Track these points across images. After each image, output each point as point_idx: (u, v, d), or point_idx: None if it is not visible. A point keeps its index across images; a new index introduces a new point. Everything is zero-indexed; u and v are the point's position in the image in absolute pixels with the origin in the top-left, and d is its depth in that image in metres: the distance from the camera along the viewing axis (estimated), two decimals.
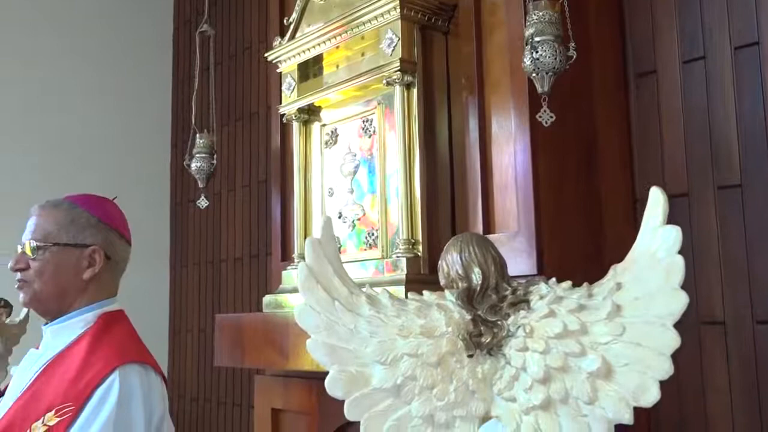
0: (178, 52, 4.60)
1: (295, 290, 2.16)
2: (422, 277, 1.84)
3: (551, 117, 1.56)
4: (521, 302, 1.13)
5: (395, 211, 1.94)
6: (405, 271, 1.83)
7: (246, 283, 3.74)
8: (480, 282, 1.16)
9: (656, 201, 1.13)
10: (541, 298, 1.13)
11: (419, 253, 1.88)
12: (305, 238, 2.19)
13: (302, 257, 2.17)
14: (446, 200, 1.96)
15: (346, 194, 2.11)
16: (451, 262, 1.20)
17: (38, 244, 1.59)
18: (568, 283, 1.17)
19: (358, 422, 1.92)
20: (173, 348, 4.31)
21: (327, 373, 1.96)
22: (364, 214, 2.04)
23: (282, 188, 2.47)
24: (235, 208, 3.87)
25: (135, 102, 4.43)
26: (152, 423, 1.52)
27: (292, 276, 2.20)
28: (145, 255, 1.75)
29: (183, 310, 4.30)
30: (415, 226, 1.90)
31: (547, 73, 1.54)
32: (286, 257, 2.39)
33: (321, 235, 1.20)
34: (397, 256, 1.88)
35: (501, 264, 1.21)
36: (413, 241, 1.89)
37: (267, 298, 2.23)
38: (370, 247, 2.02)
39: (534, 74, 1.55)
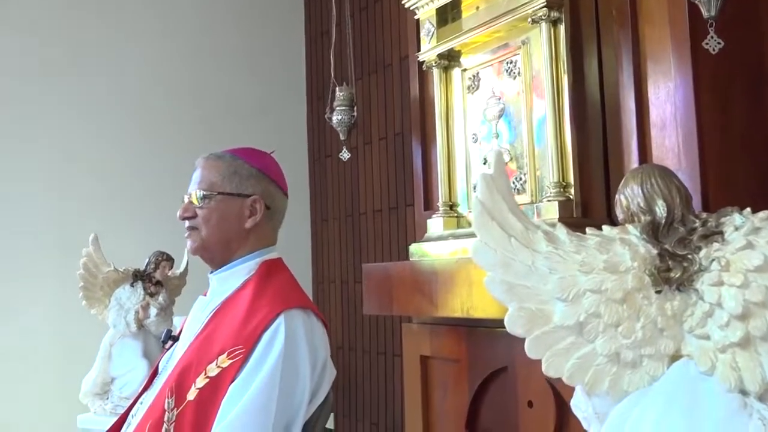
0: (309, 8, 4.66)
1: (439, 239, 2.16)
2: (575, 220, 1.78)
3: (719, 43, 1.45)
4: (713, 234, 1.07)
5: (544, 154, 1.88)
6: (557, 215, 1.78)
7: (386, 235, 3.79)
8: (665, 215, 1.10)
9: None
10: (737, 229, 1.06)
11: (571, 196, 1.82)
12: (449, 186, 2.20)
13: (447, 205, 2.19)
14: (598, 140, 1.88)
15: (491, 139, 2.07)
16: (631, 195, 1.15)
17: (204, 193, 1.66)
18: (765, 213, 1.08)
19: (508, 369, 1.93)
20: (317, 299, 4.46)
21: (475, 320, 1.98)
22: (511, 159, 2.00)
23: (422, 137, 2.46)
24: (372, 161, 3.91)
25: (269, 61, 4.55)
26: (316, 366, 1.57)
27: (434, 225, 2.20)
28: (287, 210, 1.81)
29: (325, 263, 4.43)
30: (566, 168, 1.83)
31: None
32: (429, 206, 2.39)
33: (493, 170, 1.17)
34: (548, 200, 1.83)
35: (686, 195, 1.14)
36: (564, 183, 1.83)
37: (413, 247, 2.24)
38: (518, 192, 1.98)
39: None
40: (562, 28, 1.85)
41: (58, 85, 4.03)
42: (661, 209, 1.12)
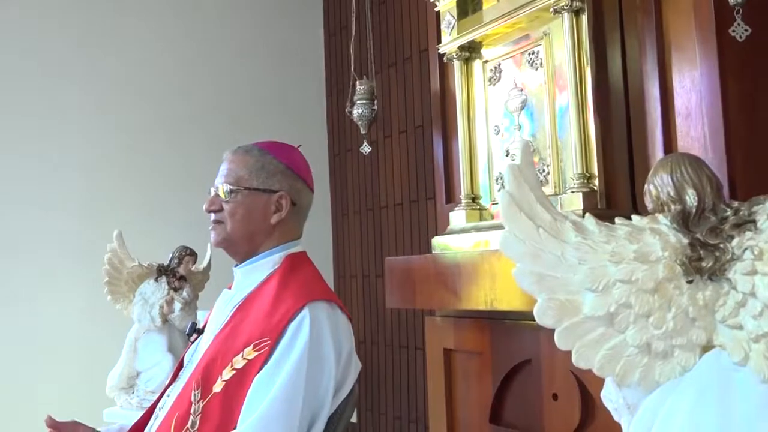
0: (328, 2, 4.66)
1: (462, 231, 2.15)
2: (599, 211, 1.77)
3: (746, 30, 1.43)
4: (746, 223, 1.05)
5: (567, 145, 1.87)
6: (581, 207, 1.77)
7: (407, 228, 3.78)
8: (695, 204, 1.09)
9: None
10: None
11: (595, 187, 1.81)
12: (471, 178, 2.19)
13: (469, 198, 2.18)
14: (622, 131, 1.86)
15: (513, 131, 2.06)
16: (660, 184, 1.13)
17: (231, 187, 1.67)
18: None
19: (532, 362, 1.92)
20: (338, 294, 4.44)
21: (499, 312, 1.97)
22: (534, 150, 1.98)
23: (443, 130, 2.45)
24: (393, 155, 3.91)
25: (288, 56, 4.55)
26: (341, 359, 1.58)
27: (457, 218, 2.19)
28: None
29: (346, 257, 4.44)
30: (590, 159, 1.82)
31: None
32: (451, 199, 2.38)
33: (520, 161, 1.17)
34: (572, 191, 1.81)
35: (716, 184, 1.13)
36: (588, 175, 1.81)
37: (435, 240, 2.24)
38: (541, 184, 1.96)
39: None
40: (584, 17, 1.84)
41: (77, 80, 4.06)
42: (691, 198, 1.11)
